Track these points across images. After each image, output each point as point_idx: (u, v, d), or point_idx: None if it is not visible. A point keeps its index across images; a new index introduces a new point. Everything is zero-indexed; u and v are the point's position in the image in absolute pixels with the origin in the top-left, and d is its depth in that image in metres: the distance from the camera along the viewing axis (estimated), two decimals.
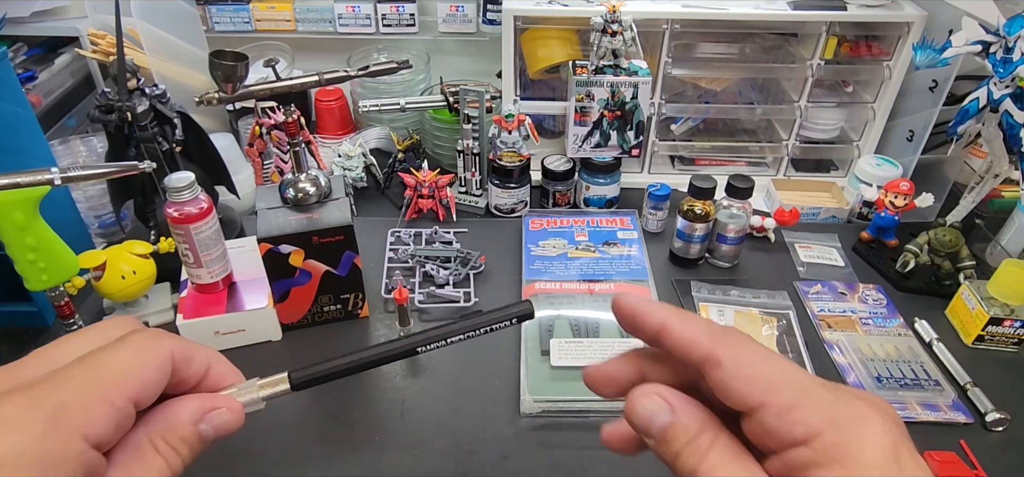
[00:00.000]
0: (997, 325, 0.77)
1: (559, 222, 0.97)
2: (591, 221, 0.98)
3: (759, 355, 0.26)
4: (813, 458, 0.24)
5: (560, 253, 0.91)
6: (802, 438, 0.24)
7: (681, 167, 1.16)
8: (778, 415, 0.24)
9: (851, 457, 0.23)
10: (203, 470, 0.63)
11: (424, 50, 1.29)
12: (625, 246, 0.93)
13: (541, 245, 0.93)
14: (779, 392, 0.25)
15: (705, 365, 0.26)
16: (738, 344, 0.26)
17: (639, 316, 0.29)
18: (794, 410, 0.24)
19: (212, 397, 0.29)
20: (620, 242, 0.93)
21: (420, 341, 0.32)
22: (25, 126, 0.80)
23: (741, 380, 0.25)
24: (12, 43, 1.13)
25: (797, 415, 0.24)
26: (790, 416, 0.24)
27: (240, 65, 0.76)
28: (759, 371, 0.25)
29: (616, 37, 0.91)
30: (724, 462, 0.26)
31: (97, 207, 0.95)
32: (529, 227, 0.96)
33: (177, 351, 0.28)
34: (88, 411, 0.24)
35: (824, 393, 0.25)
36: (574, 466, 0.65)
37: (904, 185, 0.90)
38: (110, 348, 0.26)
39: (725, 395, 0.26)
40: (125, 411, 0.25)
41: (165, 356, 0.27)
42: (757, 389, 0.25)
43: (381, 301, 0.85)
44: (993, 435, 0.68)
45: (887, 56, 1.02)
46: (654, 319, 0.28)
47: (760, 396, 0.25)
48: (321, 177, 0.77)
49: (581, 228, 0.96)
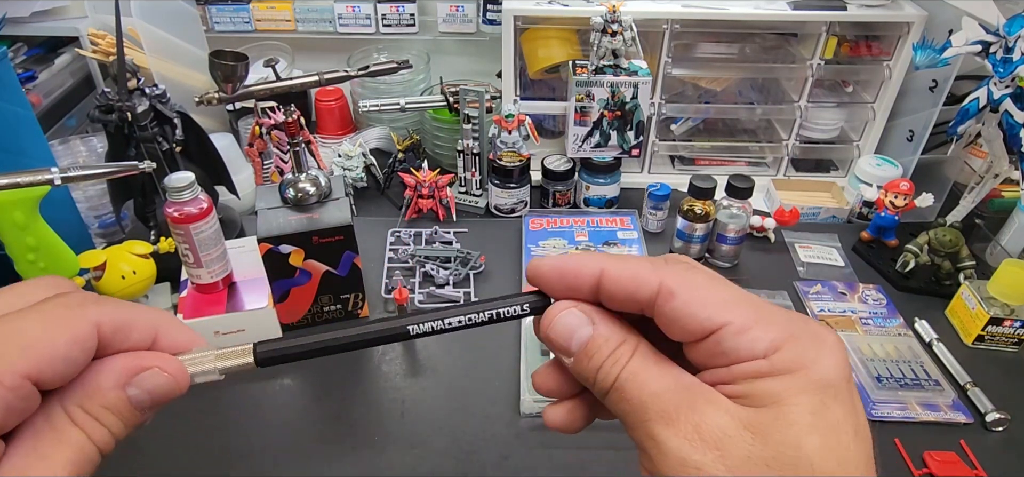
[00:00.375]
0: (997, 325, 0.77)
1: (559, 222, 0.97)
2: (591, 221, 0.98)
3: (708, 277, 0.25)
4: (767, 367, 0.23)
5: (560, 253, 0.91)
6: (762, 353, 0.23)
7: (681, 167, 1.16)
8: (736, 333, 0.23)
9: (808, 369, 0.23)
10: (201, 470, 0.63)
11: (424, 50, 1.29)
12: (625, 246, 0.93)
13: (541, 245, 0.93)
14: (736, 312, 0.24)
15: (656, 299, 0.25)
16: (684, 270, 0.25)
17: (570, 274, 0.26)
18: (753, 328, 0.24)
19: (142, 356, 0.24)
20: (620, 242, 0.93)
21: (413, 321, 0.27)
22: (25, 126, 0.80)
23: (696, 304, 0.24)
24: (12, 43, 1.13)
25: (756, 332, 0.23)
26: (749, 333, 0.23)
27: (240, 65, 0.76)
28: (713, 293, 0.24)
29: (616, 37, 0.91)
30: (647, 366, 0.25)
31: (97, 207, 0.95)
32: (529, 227, 0.96)
33: (106, 321, 0.23)
34: None
35: (779, 312, 0.24)
36: (574, 466, 0.65)
37: (904, 185, 0.90)
38: (17, 317, 0.22)
39: (680, 323, 0.24)
40: (20, 392, 0.21)
41: (85, 328, 0.23)
42: (715, 311, 0.24)
43: (381, 301, 0.85)
44: (993, 435, 0.68)
45: (887, 56, 1.02)
46: (589, 270, 0.26)
47: (719, 317, 0.24)
48: (321, 177, 0.77)
49: (581, 228, 0.96)
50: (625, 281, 0.25)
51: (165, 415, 0.73)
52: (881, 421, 0.69)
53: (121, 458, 0.64)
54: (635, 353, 0.25)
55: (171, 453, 0.65)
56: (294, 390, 0.73)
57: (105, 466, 0.24)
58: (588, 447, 0.66)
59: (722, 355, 0.24)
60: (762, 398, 0.23)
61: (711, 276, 0.25)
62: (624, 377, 0.25)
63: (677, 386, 0.24)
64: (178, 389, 0.25)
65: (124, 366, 0.24)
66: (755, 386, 0.23)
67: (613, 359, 0.25)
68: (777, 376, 0.23)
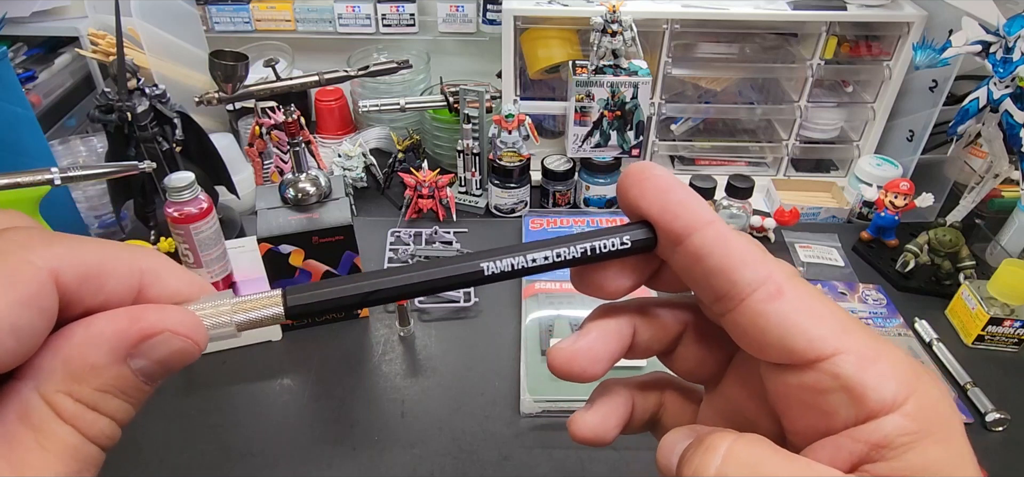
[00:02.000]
0: (997, 325, 0.77)
1: (559, 222, 0.97)
2: (591, 221, 0.98)
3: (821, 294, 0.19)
4: (913, 428, 0.17)
5: None
6: (892, 399, 0.17)
7: (681, 167, 1.16)
8: (860, 366, 0.17)
9: (950, 428, 0.17)
10: (201, 470, 0.63)
11: (424, 50, 1.29)
12: None
13: None
14: (855, 337, 0.18)
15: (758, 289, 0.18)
16: (793, 272, 0.19)
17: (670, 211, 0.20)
18: (878, 362, 0.17)
19: (144, 310, 0.17)
20: None
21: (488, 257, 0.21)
22: (25, 126, 0.80)
23: (807, 314, 0.18)
24: (12, 43, 1.13)
25: (883, 368, 0.17)
26: (876, 367, 0.17)
27: (240, 65, 0.76)
28: (829, 310, 0.18)
29: (616, 37, 0.91)
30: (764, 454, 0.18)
31: (97, 207, 0.95)
32: (529, 227, 0.96)
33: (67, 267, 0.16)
34: None
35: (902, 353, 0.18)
36: (574, 466, 0.65)
37: (904, 185, 0.90)
38: None
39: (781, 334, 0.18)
40: None
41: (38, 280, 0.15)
42: (830, 330, 0.18)
43: None
44: (993, 435, 0.68)
45: (887, 56, 1.02)
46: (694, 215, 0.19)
47: (834, 340, 0.18)
48: (321, 177, 0.77)
49: (581, 228, 0.96)
50: (731, 251, 0.19)
51: (165, 415, 0.73)
52: None
53: (121, 458, 0.64)
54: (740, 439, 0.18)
55: (171, 453, 0.65)
56: (294, 390, 0.73)
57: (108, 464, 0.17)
58: (588, 447, 0.66)
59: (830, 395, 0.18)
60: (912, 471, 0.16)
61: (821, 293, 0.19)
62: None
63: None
64: (197, 352, 0.18)
65: (120, 332, 0.16)
66: (908, 460, 0.17)
67: None
68: (925, 438, 0.17)
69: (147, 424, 0.68)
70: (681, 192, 0.20)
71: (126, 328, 0.16)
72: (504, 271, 0.21)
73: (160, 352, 0.17)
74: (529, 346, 0.75)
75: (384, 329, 0.81)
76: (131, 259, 0.17)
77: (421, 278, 0.20)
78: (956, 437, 0.17)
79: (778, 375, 0.19)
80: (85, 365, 0.16)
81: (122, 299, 0.17)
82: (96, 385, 0.16)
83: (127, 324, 0.16)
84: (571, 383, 0.23)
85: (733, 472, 0.17)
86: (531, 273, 0.21)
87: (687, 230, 0.19)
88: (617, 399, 0.24)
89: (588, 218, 0.98)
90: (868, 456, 0.17)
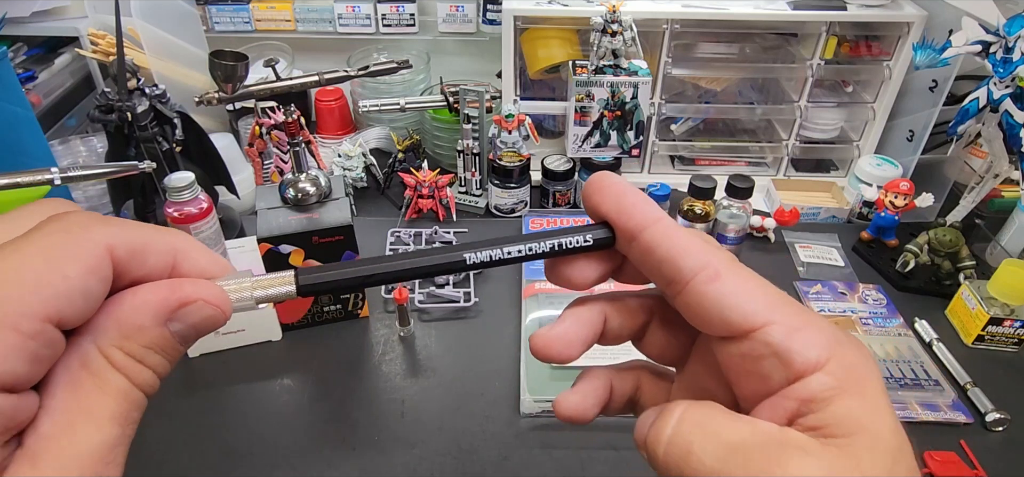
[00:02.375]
0: (997, 325, 0.77)
1: (559, 222, 0.97)
2: None
3: (755, 275, 0.22)
4: (834, 384, 0.20)
5: None
6: (815, 360, 0.20)
7: (681, 167, 1.16)
8: (787, 334, 0.20)
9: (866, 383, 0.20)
10: (201, 470, 0.63)
11: (424, 50, 1.29)
12: None
13: None
14: (785, 311, 0.21)
15: (698, 274, 0.22)
16: (731, 258, 0.22)
17: (626, 211, 0.23)
18: (803, 329, 0.21)
19: (179, 285, 0.21)
20: None
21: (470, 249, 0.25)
22: (25, 126, 0.80)
23: (742, 294, 0.21)
24: (12, 43, 1.13)
25: (807, 335, 0.20)
26: (800, 334, 0.20)
27: (240, 65, 0.76)
28: (761, 289, 0.22)
29: (616, 37, 0.91)
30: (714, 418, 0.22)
31: (97, 207, 0.95)
32: (529, 227, 0.96)
33: (119, 243, 0.19)
34: None
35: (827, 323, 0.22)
36: (574, 466, 0.65)
37: (904, 185, 0.90)
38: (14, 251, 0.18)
39: (720, 311, 0.21)
40: (42, 337, 0.18)
41: (97, 254, 0.19)
42: (762, 305, 0.21)
43: (381, 301, 0.85)
44: (993, 435, 0.68)
45: (887, 56, 1.02)
46: (644, 214, 0.23)
47: (765, 313, 0.21)
48: (321, 177, 0.77)
49: None
50: (675, 243, 0.22)
51: (165, 415, 0.73)
52: None
53: None
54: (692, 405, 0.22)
55: (171, 453, 0.65)
56: (294, 390, 0.73)
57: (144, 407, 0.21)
58: (588, 447, 0.66)
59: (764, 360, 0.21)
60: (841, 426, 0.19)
61: (755, 273, 0.22)
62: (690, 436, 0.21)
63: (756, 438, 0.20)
64: (224, 320, 0.22)
65: (162, 300, 0.20)
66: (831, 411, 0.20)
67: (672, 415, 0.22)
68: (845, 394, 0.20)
69: (148, 424, 0.67)
70: (634, 196, 0.23)
71: (167, 296, 0.20)
72: (483, 261, 0.25)
73: (193, 318, 0.21)
74: (529, 346, 0.75)
75: (384, 329, 0.81)
76: (168, 239, 0.21)
77: (413, 264, 0.24)
78: (871, 390, 0.20)
79: (724, 348, 0.22)
80: (133, 325, 0.19)
81: (160, 272, 0.21)
82: (142, 342, 0.20)
83: (168, 293, 0.20)
84: (570, 383, 0.27)
85: (685, 429, 0.21)
86: (506, 264, 0.25)
87: (639, 227, 0.23)
88: (596, 381, 0.27)
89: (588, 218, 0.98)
90: (799, 411, 0.20)
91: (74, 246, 0.18)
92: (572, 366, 0.72)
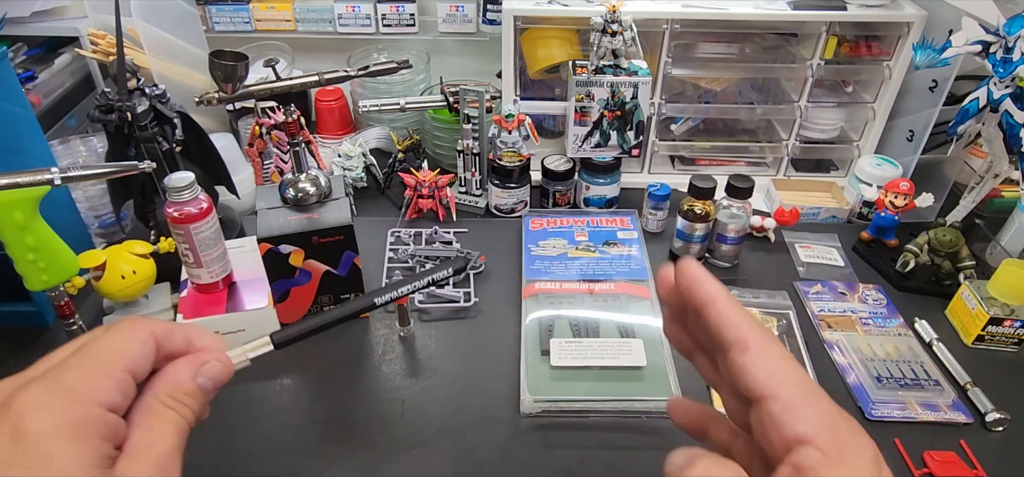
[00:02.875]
0: (997, 325, 0.77)
1: (559, 222, 0.97)
2: (591, 221, 0.98)
3: (781, 353, 0.30)
4: (820, 458, 0.26)
5: (560, 253, 0.91)
6: (803, 435, 0.26)
7: (681, 167, 1.16)
8: (784, 408, 0.27)
9: (849, 458, 0.26)
10: (203, 470, 0.63)
11: (424, 50, 1.29)
12: (625, 246, 0.93)
13: (541, 245, 0.93)
14: (790, 388, 0.28)
15: (734, 346, 0.30)
16: (767, 339, 0.30)
17: (695, 284, 0.32)
18: (800, 407, 0.27)
19: (202, 353, 0.34)
20: (620, 242, 0.93)
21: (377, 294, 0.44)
22: (25, 126, 0.80)
23: (760, 369, 0.29)
24: (12, 43, 1.13)
25: (802, 412, 0.27)
26: (795, 411, 0.27)
27: (240, 65, 0.76)
28: (778, 366, 0.29)
29: (616, 37, 0.91)
30: None
31: (97, 207, 0.95)
32: (529, 227, 0.96)
33: (157, 330, 0.33)
34: (95, 383, 0.29)
35: (826, 402, 0.28)
36: (574, 466, 0.65)
37: (904, 185, 0.90)
38: (98, 338, 0.31)
39: (742, 377, 0.29)
40: (125, 381, 0.30)
41: (147, 334, 0.32)
42: (772, 380, 0.28)
43: None
44: (993, 435, 0.68)
45: (887, 56, 1.02)
46: (705, 290, 0.32)
47: (774, 387, 0.28)
48: (321, 177, 0.77)
49: (581, 228, 0.96)
50: (722, 317, 0.31)
51: None
52: (881, 421, 0.69)
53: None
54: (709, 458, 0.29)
55: None
56: (294, 390, 0.73)
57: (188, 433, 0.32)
58: (588, 447, 0.66)
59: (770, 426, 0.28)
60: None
61: (785, 354, 0.30)
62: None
63: None
64: (228, 374, 0.35)
65: (193, 363, 0.33)
66: None
67: None
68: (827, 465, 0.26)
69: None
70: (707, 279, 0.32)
71: (194, 360, 0.34)
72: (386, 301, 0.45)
73: (211, 372, 0.34)
74: (529, 346, 0.75)
75: (384, 329, 0.81)
76: (183, 329, 0.34)
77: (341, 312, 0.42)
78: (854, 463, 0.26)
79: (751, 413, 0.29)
80: (177, 381, 0.32)
81: (181, 347, 0.34)
82: (183, 391, 0.32)
83: (195, 359, 0.34)
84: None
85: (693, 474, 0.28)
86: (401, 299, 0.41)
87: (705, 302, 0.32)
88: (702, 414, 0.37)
89: (588, 217, 0.98)
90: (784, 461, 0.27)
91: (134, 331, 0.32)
92: (572, 366, 0.72)
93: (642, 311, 0.80)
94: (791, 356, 0.30)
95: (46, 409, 0.27)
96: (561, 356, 0.73)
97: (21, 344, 0.79)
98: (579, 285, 0.85)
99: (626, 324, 0.78)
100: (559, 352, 0.74)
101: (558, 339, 0.76)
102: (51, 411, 0.27)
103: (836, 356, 0.77)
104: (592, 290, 0.84)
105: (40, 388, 0.27)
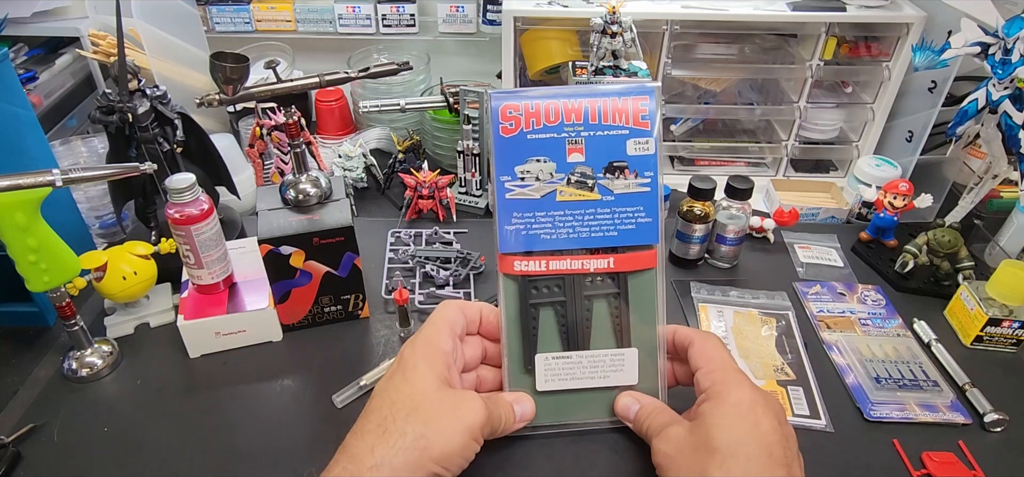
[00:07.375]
0: (996, 326, 0.77)
1: (544, 109, 0.57)
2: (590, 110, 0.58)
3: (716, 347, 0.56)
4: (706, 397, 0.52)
5: (546, 194, 0.58)
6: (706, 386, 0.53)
7: (681, 167, 1.16)
8: (705, 373, 0.54)
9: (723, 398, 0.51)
10: (201, 470, 0.63)
11: (424, 50, 1.29)
12: (635, 174, 0.59)
13: (519, 173, 0.58)
14: (713, 364, 0.54)
15: (690, 346, 0.57)
16: (710, 341, 0.57)
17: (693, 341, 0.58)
18: (712, 373, 0.53)
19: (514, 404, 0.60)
20: (630, 167, 0.59)
21: None
22: (26, 127, 0.80)
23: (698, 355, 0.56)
24: (13, 43, 1.13)
25: (714, 376, 0.53)
26: (709, 376, 0.53)
27: (241, 68, 0.76)
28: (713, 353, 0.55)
29: (616, 38, 0.92)
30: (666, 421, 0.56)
31: (98, 208, 0.96)
32: (500, 131, 0.58)
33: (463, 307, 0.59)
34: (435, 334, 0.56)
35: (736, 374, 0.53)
36: (573, 466, 0.65)
37: (903, 186, 0.90)
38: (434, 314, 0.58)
39: (691, 360, 0.57)
40: (451, 334, 0.57)
41: (457, 309, 0.59)
42: (704, 361, 0.55)
43: (382, 302, 0.85)
44: (992, 436, 0.69)
45: (886, 57, 1.02)
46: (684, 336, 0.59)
47: (703, 364, 0.55)
48: (321, 178, 0.77)
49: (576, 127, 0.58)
50: (688, 333, 0.58)
51: (166, 415, 0.73)
52: (879, 422, 0.69)
53: (122, 457, 0.64)
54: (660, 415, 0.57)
55: (171, 453, 0.65)
56: (294, 390, 0.73)
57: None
58: (588, 447, 0.66)
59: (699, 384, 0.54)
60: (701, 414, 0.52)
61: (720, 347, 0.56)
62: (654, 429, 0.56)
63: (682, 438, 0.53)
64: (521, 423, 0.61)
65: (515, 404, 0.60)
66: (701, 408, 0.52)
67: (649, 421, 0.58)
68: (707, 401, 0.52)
69: (148, 424, 0.68)
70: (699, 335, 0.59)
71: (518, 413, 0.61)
72: None
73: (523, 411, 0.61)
74: (511, 353, 0.72)
75: (384, 329, 0.81)
76: (474, 306, 0.62)
77: None
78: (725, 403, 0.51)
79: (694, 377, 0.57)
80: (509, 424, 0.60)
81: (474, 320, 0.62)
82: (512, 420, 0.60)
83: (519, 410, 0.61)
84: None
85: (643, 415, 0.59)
86: None
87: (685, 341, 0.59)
88: None
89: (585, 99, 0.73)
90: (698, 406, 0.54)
91: (451, 307, 0.58)
92: (559, 390, 0.72)
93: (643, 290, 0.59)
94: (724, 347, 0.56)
95: (412, 347, 0.54)
96: (548, 378, 0.61)
97: (22, 344, 0.79)
98: (571, 263, 0.60)
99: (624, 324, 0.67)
100: (545, 373, 0.61)
101: (544, 354, 0.60)
102: (415, 347, 0.54)
103: (835, 357, 0.77)
104: (587, 270, 0.60)
105: (412, 340, 0.55)
